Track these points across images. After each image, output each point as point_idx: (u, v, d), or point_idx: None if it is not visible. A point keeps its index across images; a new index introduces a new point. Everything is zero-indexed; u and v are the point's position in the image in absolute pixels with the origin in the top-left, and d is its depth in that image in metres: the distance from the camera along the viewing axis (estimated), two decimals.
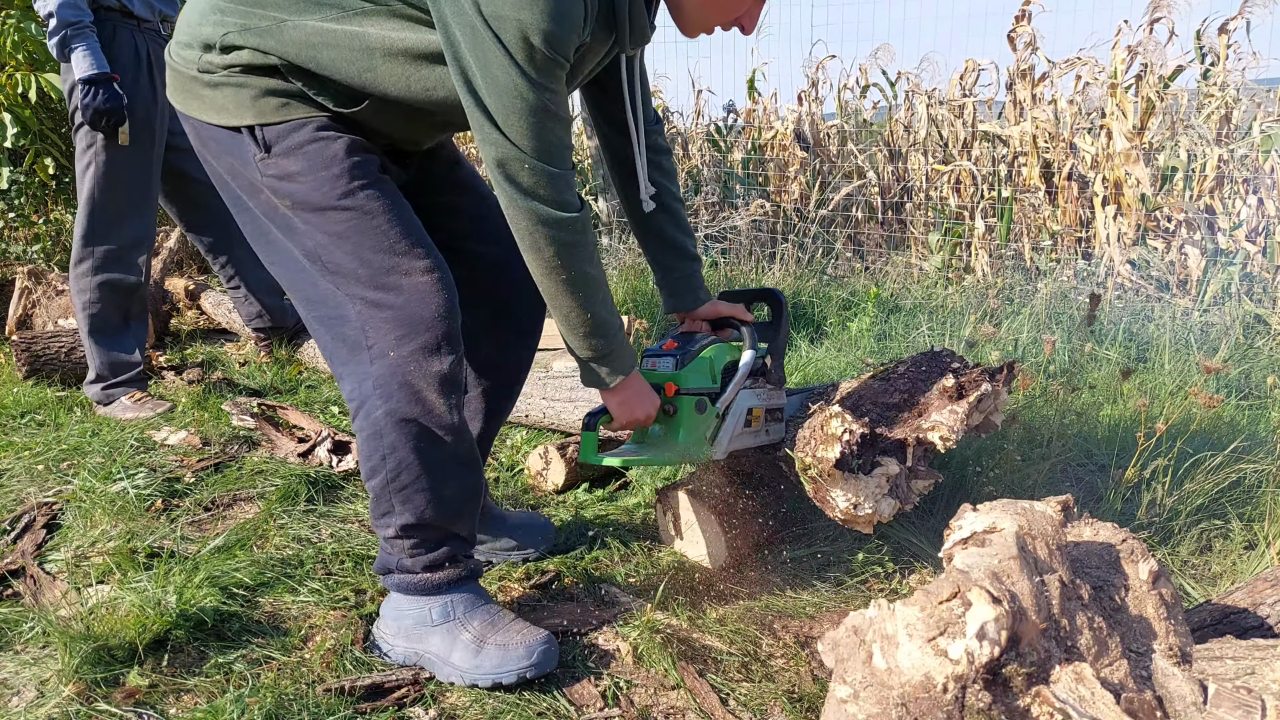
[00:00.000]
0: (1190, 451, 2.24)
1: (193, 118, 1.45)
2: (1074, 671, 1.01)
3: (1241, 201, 3.94)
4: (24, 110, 3.88)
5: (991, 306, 3.75)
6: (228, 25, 1.37)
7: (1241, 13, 3.99)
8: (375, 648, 1.58)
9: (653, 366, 1.72)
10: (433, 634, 1.52)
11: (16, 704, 1.45)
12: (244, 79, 1.37)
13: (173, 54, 1.46)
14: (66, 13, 2.62)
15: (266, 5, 1.36)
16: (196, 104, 1.43)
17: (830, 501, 1.69)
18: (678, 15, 1.45)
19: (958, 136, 4.85)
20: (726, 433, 1.74)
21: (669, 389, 1.69)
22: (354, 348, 1.42)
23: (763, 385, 1.82)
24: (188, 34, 1.42)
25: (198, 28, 1.40)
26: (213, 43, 1.38)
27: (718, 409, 1.72)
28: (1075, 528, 1.31)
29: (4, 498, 2.24)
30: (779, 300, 1.87)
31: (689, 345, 1.73)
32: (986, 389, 1.79)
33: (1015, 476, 2.15)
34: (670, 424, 1.71)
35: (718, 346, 1.76)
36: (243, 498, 2.25)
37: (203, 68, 1.39)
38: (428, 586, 1.53)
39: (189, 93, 1.44)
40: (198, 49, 1.40)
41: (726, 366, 1.77)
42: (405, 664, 1.54)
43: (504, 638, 1.50)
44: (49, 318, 3.69)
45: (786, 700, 1.48)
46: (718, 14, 1.43)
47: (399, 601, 1.55)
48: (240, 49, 1.37)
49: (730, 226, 5.05)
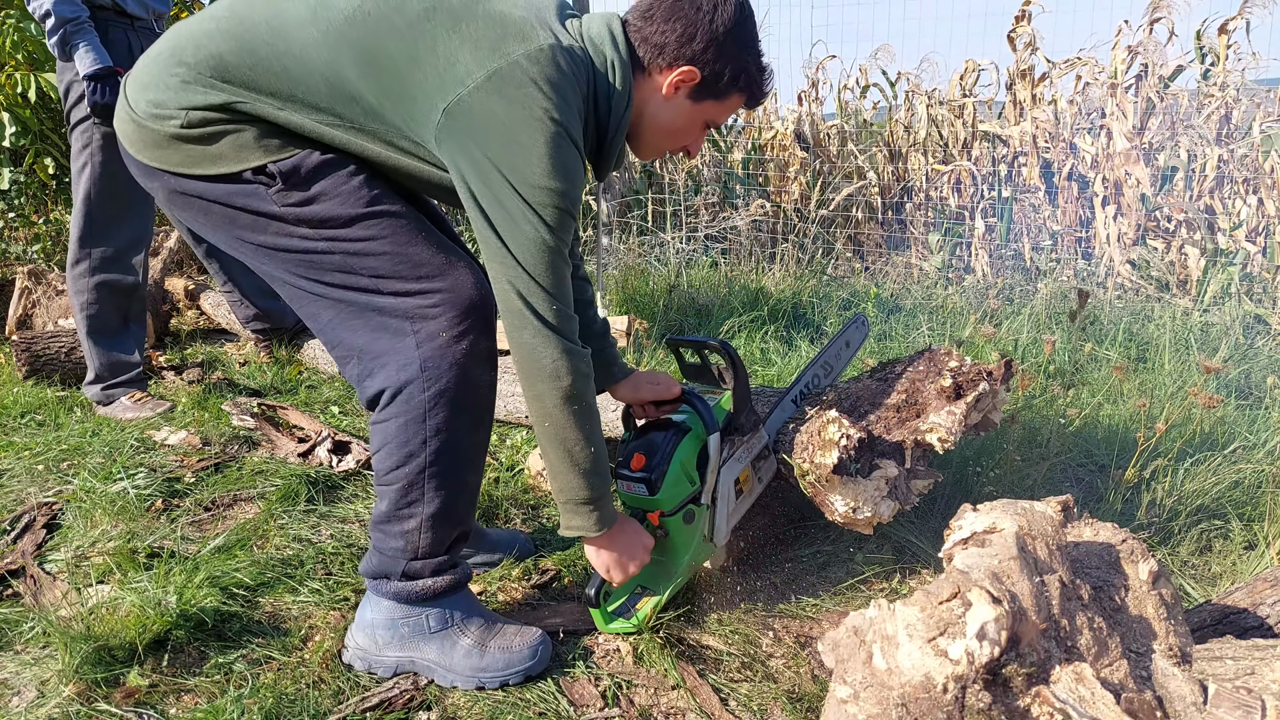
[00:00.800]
0: (1190, 451, 2.24)
1: (173, 172, 1.42)
2: (1074, 672, 1.01)
3: (1241, 201, 3.94)
4: (24, 110, 3.88)
5: (991, 306, 3.75)
6: (215, 99, 1.37)
7: (1241, 13, 3.99)
8: (358, 663, 1.54)
9: (629, 489, 1.64)
10: (430, 641, 1.52)
11: (16, 704, 1.45)
12: (241, 125, 1.38)
13: (139, 117, 1.41)
14: (64, 9, 2.61)
15: (260, 91, 1.37)
16: (181, 158, 1.41)
17: (829, 505, 1.69)
18: (635, 145, 1.60)
19: (958, 136, 4.85)
20: (721, 518, 1.70)
21: (653, 518, 1.63)
22: (397, 333, 1.44)
23: (739, 442, 1.75)
24: (159, 105, 1.39)
25: (176, 96, 1.38)
26: (198, 106, 1.37)
27: (705, 505, 1.67)
28: (1075, 528, 1.31)
29: (4, 498, 2.24)
30: (729, 349, 1.79)
31: (656, 458, 1.62)
32: (984, 388, 1.79)
33: (1015, 476, 2.15)
34: (666, 547, 1.66)
35: (685, 443, 1.65)
36: (243, 498, 2.25)
37: (189, 123, 1.38)
38: (427, 594, 1.53)
39: (168, 149, 1.41)
40: (176, 111, 1.38)
41: (700, 454, 1.68)
42: (397, 673, 1.54)
43: (504, 640, 1.53)
44: (49, 318, 3.68)
45: (786, 700, 1.48)
46: (669, 143, 1.59)
47: (392, 610, 1.53)
48: (235, 110, 1.37)
49: (730, 226, 5.06)
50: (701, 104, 1.51)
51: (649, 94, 1.50)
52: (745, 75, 1.50)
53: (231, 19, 1.39)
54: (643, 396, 1.77)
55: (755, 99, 1.56)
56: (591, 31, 1.45)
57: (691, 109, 1.52)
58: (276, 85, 1.36)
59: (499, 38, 1.32)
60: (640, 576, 1.69)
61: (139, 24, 2.86)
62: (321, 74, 1.35)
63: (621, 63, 1.45)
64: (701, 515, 1.67)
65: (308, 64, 1.35)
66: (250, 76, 1.36)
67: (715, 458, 1.67)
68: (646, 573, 1.68)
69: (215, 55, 1.37)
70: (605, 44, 1.45)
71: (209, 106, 1.37)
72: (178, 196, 1.46)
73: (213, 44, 1.38)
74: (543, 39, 1.34)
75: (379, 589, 1.54)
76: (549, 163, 1.32)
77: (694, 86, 1.48)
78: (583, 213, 5.76)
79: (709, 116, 1.54)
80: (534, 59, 1.31)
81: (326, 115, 1.37)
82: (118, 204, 2.85)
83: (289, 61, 1.35)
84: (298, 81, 1.35)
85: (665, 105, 1.50)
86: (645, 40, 1.47)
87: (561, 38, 1.37)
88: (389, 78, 1.34)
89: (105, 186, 2.82)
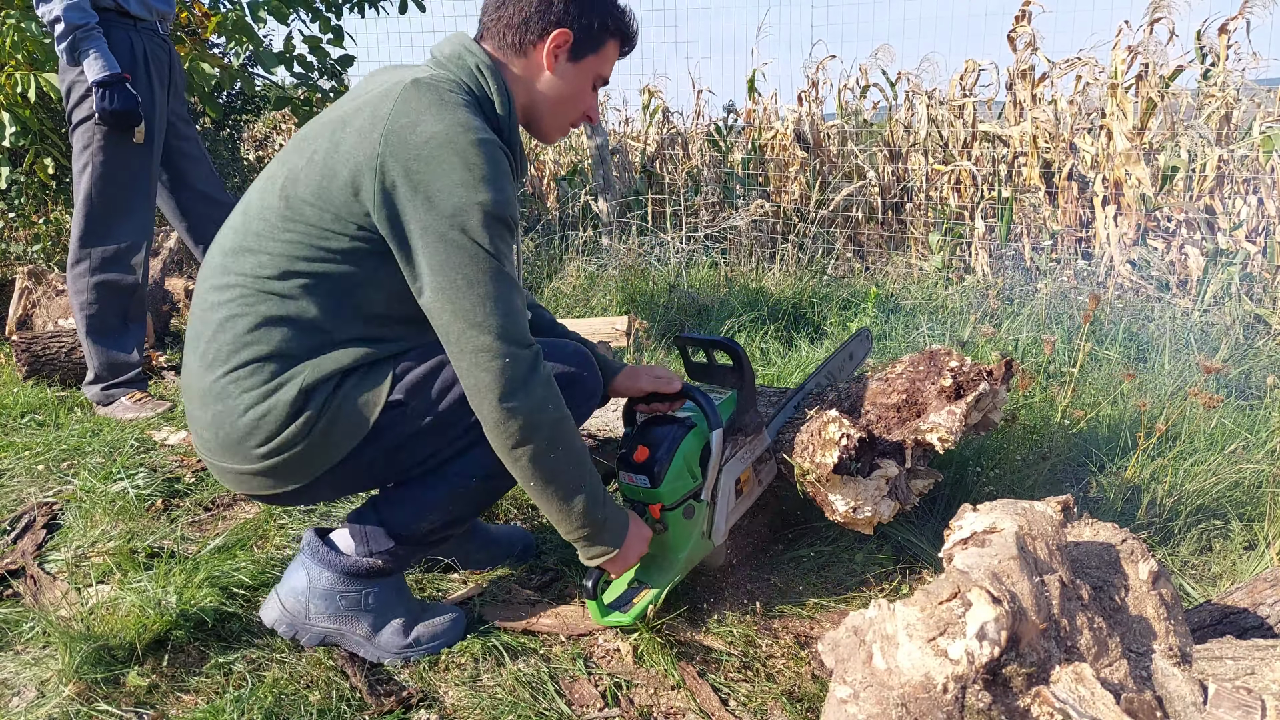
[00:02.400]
0: (1190, 451, 2.24)
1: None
2: (1074, 672, 1.01)
3: (1242, 201, 3.94)
4: (24, 110, 3.88)
5: (991, 307, 3.75)
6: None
7: (1242, 13, 3.99)
8: (283, 628, 1.56)
9: (630, 481, 1.64)
10: (363, 617, 1.56)
11: (16, 704, 1.45)
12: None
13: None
14: (73, 15, 2.62)
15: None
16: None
17: (830, 505, 1.69)
18: (537, 130, 1.61)
19: (958, 137, 4.85)
20: (721, 516, 1.69)
21: (653, 510, 1.63)
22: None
23: (742, 442, 1.75)
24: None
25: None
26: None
27: (705, 501, 1.66)
28: (1075, 528, 1.31)
29: (4, 498, 2.24)
30: (737, 348, 1.79)
31: (659, 451, 1.62)
32: (984, 388, 1.79)
33: (1015, 476, 2.15)
34: (664, 542, 1.65)
35: (689, 438, 1.65)
36: (242, 498, 2.25)
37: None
38: (374, 571, 1.56)
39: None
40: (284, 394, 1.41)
41: (703, 450, 1.67)
42: (322, 643, 1.57)
43: (429, 616, 1.63)
44: (49, 318, 3.69)
45: (786, 700, 1.48)
46: (568, 114, 1.60)
47: (335, 583, 1.55)
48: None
49: (730, 227, 5.06)
50: (583, 62, 1.53)
51: (532, 75, 1.52)
52: (611, 18, 1.53)
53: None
54: (642, 388, 1.76)
55: (628, 39, 1.59)
56: (443, 55, 1.47)
57: (576, 71, 1.54)
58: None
59: (372, 114, 1.35)
60: (638, 571, 1.69)
61: (142, 25, 2.86)
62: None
63: (487, 65, 1.46)
64: (701, 511, 1.67)
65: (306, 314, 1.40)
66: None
67: (718, 454, 1.66)
68: (644, 567, 1.69)
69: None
70: (464, 56, 1.46)
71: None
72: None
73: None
74: (406, 77, 1.39)
75: (324, 559, 1.56)
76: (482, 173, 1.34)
77: (571, 47, 1.51)
78: (581, 212, 5.77)
79: (595, 72, 1.56)
80: (411, 97, 1.35)
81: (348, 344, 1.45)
82: (118, 204, 2.85)
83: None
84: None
85: (551, 78, 1.52)
86: (507, 26, 1.49)
87: (421, 74, 1.41)
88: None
89: (106, 187, 2.82)
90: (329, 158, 1.36)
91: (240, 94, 5.48)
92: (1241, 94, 4.13)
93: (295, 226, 1.37)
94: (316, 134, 1.41)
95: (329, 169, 1.36)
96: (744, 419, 1.77)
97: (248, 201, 1.46)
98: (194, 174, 3.11)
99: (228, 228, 1.47)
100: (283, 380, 1.38)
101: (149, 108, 2.85)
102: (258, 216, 1.41)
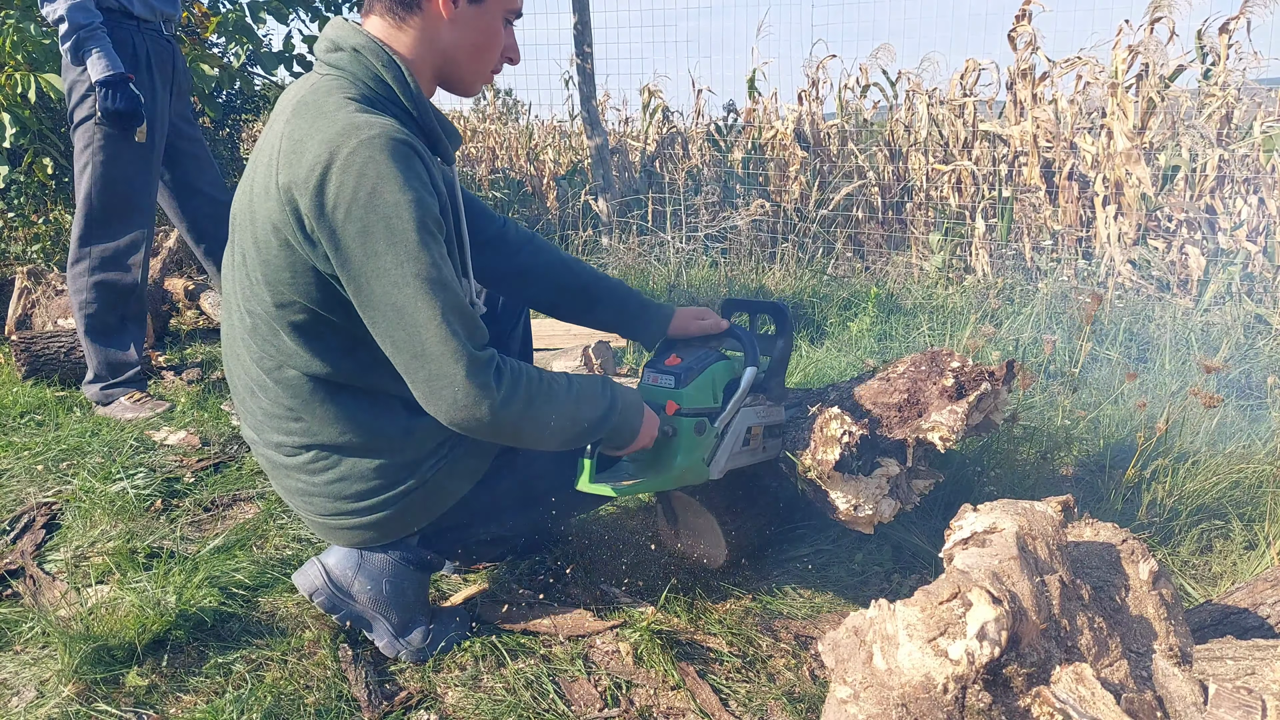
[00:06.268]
0: (1190, 451, 2.24)
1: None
2: (1074, 672, 1.01)
3: (1242, 201, 3.94)
4: (23, 110, 3.87)
5: (992, 306, 3.75)
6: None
7: (1242, 12, 3.99)
8: (320, 597, 1.56)
9: (654, 381, 1.67)
10: (399, 609, 1.59)
11: (16, 704, 1.45)
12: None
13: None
14: (78, 16, 2.62)
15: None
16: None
17: (831, 503, 1.69)
18: (457, 86, 1.51)
19: (958, 136, 4.85)
20: (724, 452, 1.69)
21: (670, 407, 1.64)
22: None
23: (762, 402, 1.78)
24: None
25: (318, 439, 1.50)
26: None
27: (716, 428, 1.68)
28: (1075, 528, 1.31)
29: (4, 498, 2.24)
30: (784, 315, 1.81)
31: (691, 361, 1.68)
32: (986, 388, 1.79)
33: (1015, 476, 2.15)
34: (668, 445, 1.65)
35: (721, 363, 1.70)
36: (242, 498, 2.25)
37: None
38: (425, 564, 1.61)
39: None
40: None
41: (729, 384, 1.72)
42: (349, 623, 1.58)
43: (444, 617, 1.66)
44: (48, 318, 3.68)
45: (786, 700, 1.48)
46: (486, 59, 1.49)
47: (386, 565, 1.57)
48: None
49: (730, 226, 5.05)
50: (485, 1, 1.44)
51: (434, 30, 1.42)
52: None
53: None
54: (691, 332, 1.81)
55: None
56: (320, 51, 1.41)
57: (479, 12, 1.43)
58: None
59: (292, 149, 1.32)
60: (635, 465, 1.70)
61: (146, 26, 2.86)
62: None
63: (367, 42, 1.38)
64: (710, 436, 1.67)
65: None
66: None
67: (745, 388, 1.70)
68: (641, 463, 1.69)
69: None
70: (342, 40, 1.39)
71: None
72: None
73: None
74: (288, 107, 1.37)
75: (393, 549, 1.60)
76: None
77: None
78: (581, 212, 5.77)
79: (504, 7, 1.46)
80: (295, 131, 1.32)
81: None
82: (118, 204, 2.85)
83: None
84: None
85: (456, 25, 1.42)
86: None
87: (303, 91, 1.37)
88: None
89: (106, 186, 2.82)
90: (257, 244, 1.37)
91: (240, 94, 5.47)
92: (1242, 93, 4.13)
93: (278, 336, 1.43)
94: (240, 217, 1.43)
95: (261, 251, 1.37)
96: (772, 383, 1.81)
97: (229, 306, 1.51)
98: (197, 174, 3.11)
99: (231, 320, 1.52)
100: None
101: (151, 108, 2.85)
102: (252, 334, 1.47)
